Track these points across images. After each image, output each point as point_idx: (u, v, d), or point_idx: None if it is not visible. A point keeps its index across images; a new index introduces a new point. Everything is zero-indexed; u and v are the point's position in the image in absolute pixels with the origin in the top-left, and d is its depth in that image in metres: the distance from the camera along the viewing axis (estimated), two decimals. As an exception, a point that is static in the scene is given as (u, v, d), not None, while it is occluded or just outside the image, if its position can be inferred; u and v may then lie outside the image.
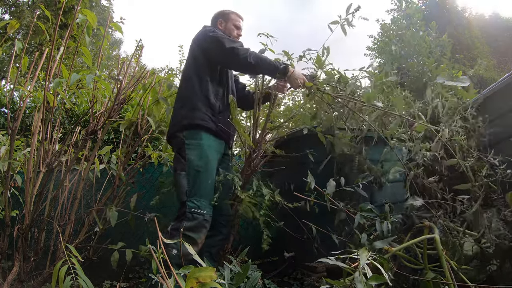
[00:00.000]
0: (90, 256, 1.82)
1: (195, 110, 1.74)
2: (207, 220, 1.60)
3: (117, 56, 14.10)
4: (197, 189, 1.62)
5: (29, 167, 1.65)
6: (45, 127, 1.64)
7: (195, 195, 1.61)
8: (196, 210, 1.57)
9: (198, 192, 1.62)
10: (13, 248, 1.64)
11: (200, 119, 1.72)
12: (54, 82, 1.46)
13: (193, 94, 1.78)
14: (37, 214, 1.62)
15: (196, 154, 1.67)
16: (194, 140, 1.70)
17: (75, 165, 1.96)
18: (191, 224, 1.54)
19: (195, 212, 1.57)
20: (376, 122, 1.68)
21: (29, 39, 8.03)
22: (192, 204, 1.58)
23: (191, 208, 1.57)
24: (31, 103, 3.32)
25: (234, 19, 2.03)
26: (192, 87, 1.80)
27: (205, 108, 1.75)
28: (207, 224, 1.60)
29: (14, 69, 1.78)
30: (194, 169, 1.64)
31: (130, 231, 2.20)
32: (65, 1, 1.84)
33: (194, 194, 1.61)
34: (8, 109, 1.63)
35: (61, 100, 1.83)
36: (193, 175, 1.64)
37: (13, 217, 1.83)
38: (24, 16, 8.74)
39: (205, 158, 1.68)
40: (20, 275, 1.57)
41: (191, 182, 1.63)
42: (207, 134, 1.73)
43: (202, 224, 1.58)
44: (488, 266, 1.16)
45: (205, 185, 1.65)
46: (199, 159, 1.66)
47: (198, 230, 1.56)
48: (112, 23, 1.74)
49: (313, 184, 1.57)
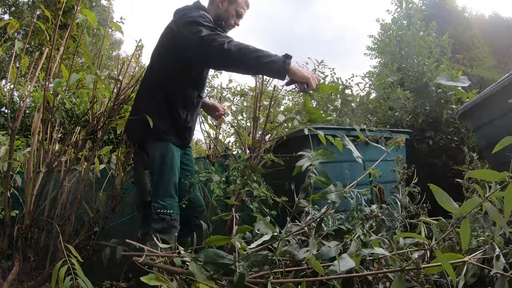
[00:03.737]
0: (90, 256, 1.82)
1: (161, 121, 1.54)
2: (175, 219, 1.53)
3: (117, 56, 14.11)
4: (161, 188, 1.53)
5: (29, 167, 1.65)
6: (45, 127, 1.64)
7: (159, 195, 1.52)
8: (163, 211, 1.50)
9: (162, 191, 1.53)
10: (13, 248, 1.64)
11: (164, 133, 1.56)
12: (54, 82, 1.46)
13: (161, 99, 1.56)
14: (37, 214, 1.62)
15: (160, 149, 1.55)
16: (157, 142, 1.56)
17: (75, 165, 1.96)
18: (160, 226, 1.48)
19: (162, 213, 1.49)
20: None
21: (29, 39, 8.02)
22: (157, 205, 1.50)
23: (157, 209, 1.49)
24: (31, 103, 3.32)
25: (240, 3, 1.68)
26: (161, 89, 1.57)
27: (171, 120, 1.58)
28: (176, 223, 1.53)
29: (14, 69, 1.78)
30: (158, 166, 1.53)
31: (130, 231, 2.20)
32: (65, 1, 1.84)
33: (158, 194, 1.52)
34: (8, 109, 1.63)
35: (61, 100, 1.83)
36: (157, 173, 1.53)
37: (13, 217, 1.83)
38: (24, 16, 8.74)
39: (170, 154, 1.56)
40: (20, 275, 1.57)
41: (155, 180, 1.52)
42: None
43: (171, 224, 1.51)
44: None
45: (170, 183, 1.56)
46: (164, 156, 1.55)
47: (168, 231, 1.49)
48: (112, 23, 1.74)
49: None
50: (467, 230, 0.82)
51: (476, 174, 0.81)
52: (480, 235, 1.19)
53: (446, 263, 0.80)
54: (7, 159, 1.60)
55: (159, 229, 1.47)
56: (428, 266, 0.89)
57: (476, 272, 1.02)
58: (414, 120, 2.92)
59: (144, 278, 0.88)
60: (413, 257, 0.96)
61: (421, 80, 3.14)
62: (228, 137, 3.20)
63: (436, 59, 3.46)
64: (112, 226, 2.00)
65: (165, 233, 1.48)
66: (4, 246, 1.62)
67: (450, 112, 2.91)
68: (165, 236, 1.47)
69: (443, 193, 0.84)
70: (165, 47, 1.59)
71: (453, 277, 0.80)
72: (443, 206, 0.83)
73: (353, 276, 0.92)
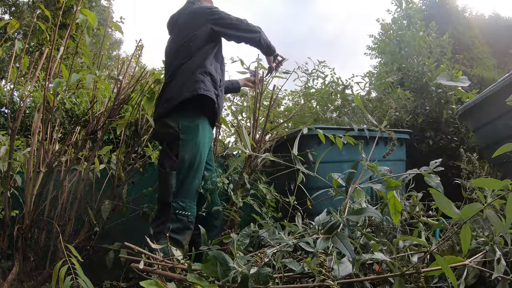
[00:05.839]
0: (90, 256, 1.82)
1: (198, 82, 1.63)
2: (192, 221, 1.55)
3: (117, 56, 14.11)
4: (184, 189, 1.55)
5: (29, 167, 1.65)
6: (45, 127, 1.64)
7: (181, 196, 1.54)
8: (181, 212, 1.52)
9: (184, 193, 1.55)
10: (13, 248, 1.64)
11: (204, 89, 1.62)
12: (54, 82, 1.46)
13: (195, 68, 1.67)
14: (37, 214, 1.62)
15: (190, 152, 1.58)
16: (190, 136, 1.60)
17: (75, 165, 1.96)
18: (176, 226, 1.49)
19: (180, 214, 1.51)
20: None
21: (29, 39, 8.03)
22: (177, 206, 1.52)
23: (176, 209, 1.51)
24: (31, 103, 3.32)
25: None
26: (194, 62, 1.70)
27: (208, 79, 1.67)
28: (192, 225, 1.55)
29: (14, 69, 1.78)
30: (186, 169, 1.57)
31: (130, 231, 2.20)
32: (65, 1, 1.84)
33: (180, 195, 1.55)
34: (8, 109, 1.63)
35: (61, 100, 1.83)
36: (183, 175, 1.56)
37: (13, 217, 1.83)
38: (24, 16, 8.74)
39: (198, 157, 1.60)
40: (20, 275, 1.57)
41: (179, 182, 1.56)
42: (204, 123, 1.66)
43: (187, 226, 1.53)
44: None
45: (193, 186, 1.59)
46: (193, 158, 1.58)
47: (182, 232, 1.51)
48: (112, 23, 1.74)
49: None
50: (468, 235, 0.82)
51: (478, 182, 0.81)
52: (480, 235, 1.19)
53: (446, 267, 0.79)
54: (7, 159, 1.60)
55: (174, 229, 1.48)
56: (428, 270, 0.88)
57: (476, 273, 1.02)
58: (414, 120, 2.92)
59: (144, 283, 0.88)
60: (413, 260, 0.96)
61: (421, 80, 3.14)
62: (228, 137, 3.19)
63: (436, 59, 3.46)
64: (112, 226, 2.00)
65: (180, 234, 1.50)
66: (4, 246, 1.62)
67: (450, 112, 2.91)
68: (179, 236, 1.49)
69: (443, 198, 0.84)
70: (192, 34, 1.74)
71: (454, 280, 0.80)
72: (443, 211, 0.83)
73: (353, 282, 0.92)
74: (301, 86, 3.65)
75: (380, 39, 8.72)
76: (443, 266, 0.79)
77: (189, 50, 1.71)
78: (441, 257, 0.81)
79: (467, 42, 13.18)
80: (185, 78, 1.66)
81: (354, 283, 0.93)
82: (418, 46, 3.53)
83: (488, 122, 1.93)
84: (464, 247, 0.83)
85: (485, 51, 13.26)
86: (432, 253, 0.88)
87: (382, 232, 1.30)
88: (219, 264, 0.84)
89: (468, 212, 0.80)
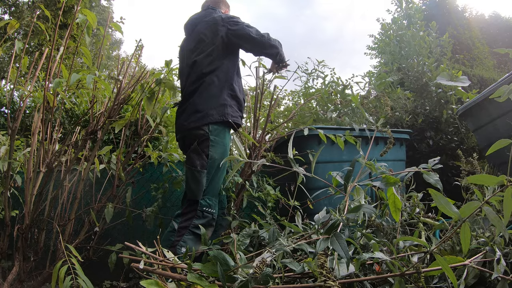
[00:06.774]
0: (90, 256, 1.82)
1: (226, 106, 1.67)
2: (215, 219, 1.61)
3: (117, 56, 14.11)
4: (211, 188, 1.62)
5: (29, 167, 1.65)
6: (45, 127, 1.64)
7: (208, 194, 1.61)
8: (207, 209, 1.58)
9: (211, 190, 1.62)
10: (13, 248, 1.64)
11: (231, 116, 1.67)
12: (54, 82, 1.46)
13: (221, 86, 1.69)
14: (37, 214, 1.62)
15: (219, 152, 1.64)
16: (218, 138, 1.65)
17: (75, 165, 1.96)
18: (201, 222, 1.54)
19: (206, 211, 1.57)
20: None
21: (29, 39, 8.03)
22: (204, 203, 1.58)
23: (203, 206, 1.57)
24: (31, 103, 3.32)
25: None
26: (220, 78, 1.71)
27: (234, 103, 1.71)
28: (214, 222, 1.61)
29: (14, 69, 1.78)
30: (214, 167, 1.62)
31: (130, 231, 2.20)
32: (65, 1, 1.84)
33: (207, 192, 1.61)
34: (8, 109, 1.63)
35: (61, 100, 1.83)
36: (213, 174, 1.62)
37: (13, 217, 1.83)
38: (24, 16, 8.74)
39: (225, 157, 1.63)
40: (20, 275, 1.57)
41: (208, 180, 1.62)
42: (229, 133, 1.72)
43: (210, 223, 1.59)
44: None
45: (218, 185, 1.66)
46: (221, 157, 1.63)
47: (206, 228, 1.56)
48: (112, 23, 1.74)
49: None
50: (468, 234, 0.82)
51: (474, 179, 0.81)
52: (480, 236, 1.19)
53: (447, 267, 0.79)
54: (7, 159, 1.60)
55: (198, 225, 1.52)
56: (428, 270, 0.88)
57: (476, 273, 1.02)
58: (414, 120, 2.92)
59: (144, 283, 0.88)
60: (413, 260, 0.96)
61: (421, 80, 3.15)
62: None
63: (436, 59, 3.46)
64: (112, 226, 2.00)
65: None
66: (4, 246, 1.62)
67: (450, 112, 2.91)
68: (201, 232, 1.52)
69: (442, 197, 0.83)
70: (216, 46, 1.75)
71: (454, 280, 0.79)
72: (443, 211, 0.83)
73: (353, 282, 0.92)
74: (301, 86, 3.65)
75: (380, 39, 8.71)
76: (443, 266, 0.79)
77: (211, 60, 1.71)
78: (441, 257, 0.81)
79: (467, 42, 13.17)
80: (212, 94, 1.68)
81: (354, 283, 0.93)
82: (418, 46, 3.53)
83: (488, 122, 1.94)
84: (464, 247, 0.83)
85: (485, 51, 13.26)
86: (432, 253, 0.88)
87: (382, 233, 1.30)
88: (219, 264, 0.84)
89: (466, 210, 0.80)
